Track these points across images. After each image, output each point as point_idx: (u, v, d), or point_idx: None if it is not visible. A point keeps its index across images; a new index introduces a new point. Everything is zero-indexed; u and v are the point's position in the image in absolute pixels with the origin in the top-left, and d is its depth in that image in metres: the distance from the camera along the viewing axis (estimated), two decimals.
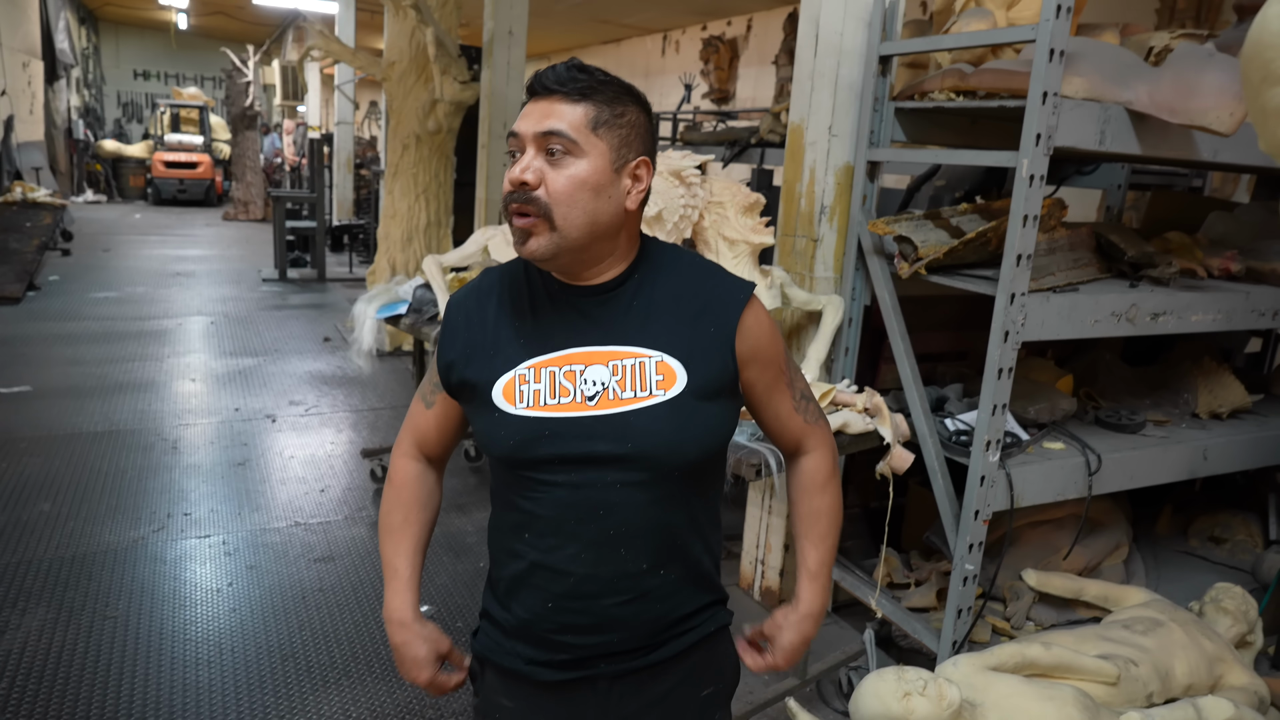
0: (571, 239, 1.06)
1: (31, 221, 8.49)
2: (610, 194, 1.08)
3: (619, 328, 1.11)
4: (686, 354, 1.11)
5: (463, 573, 3.22)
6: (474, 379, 1.14)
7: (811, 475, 1.27)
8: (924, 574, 2.78)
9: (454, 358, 1.17)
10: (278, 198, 9.06)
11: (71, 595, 2.88)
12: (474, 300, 1.19)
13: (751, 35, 10.48)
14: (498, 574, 1.21)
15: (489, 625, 1.23)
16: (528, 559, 1.14)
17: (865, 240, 2.62)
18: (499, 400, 1.11)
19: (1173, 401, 2.95)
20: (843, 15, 2.62)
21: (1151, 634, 2.19)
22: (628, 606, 1.13)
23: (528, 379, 1.10)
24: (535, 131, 1.05)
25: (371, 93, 17.92)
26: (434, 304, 3.29)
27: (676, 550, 1.14)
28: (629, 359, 1.10)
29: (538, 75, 1.08)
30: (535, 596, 1.14)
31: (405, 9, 5.74)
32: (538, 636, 1.15)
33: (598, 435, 1.08)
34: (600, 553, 1.10)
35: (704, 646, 1.22)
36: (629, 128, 1.09)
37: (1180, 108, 2.01)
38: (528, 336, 1.13)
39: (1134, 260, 2.53)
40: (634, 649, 1.16)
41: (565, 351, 1.11)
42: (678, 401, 1.09)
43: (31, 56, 12.39)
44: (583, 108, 1.06)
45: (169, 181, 15.61)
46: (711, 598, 1.23)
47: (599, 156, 1.06)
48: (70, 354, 5.69)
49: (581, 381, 1.09)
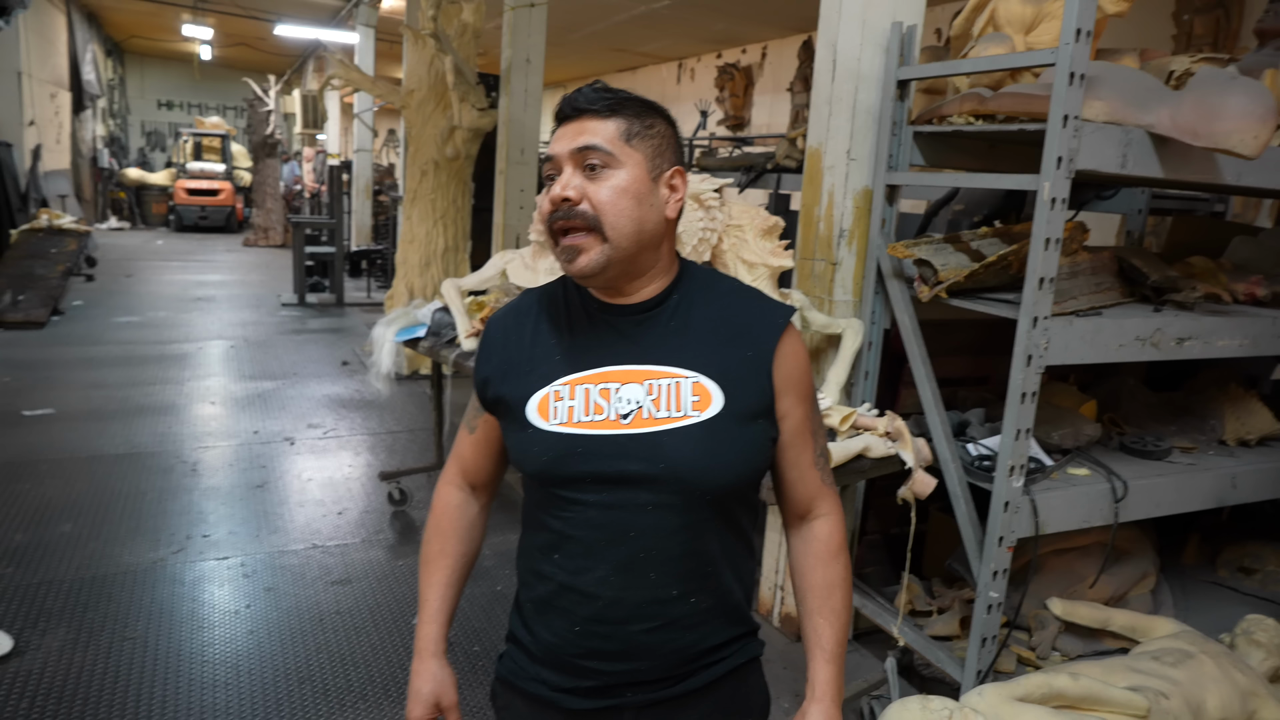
0: (621, 248, 1.07)
1: (57, 248, 8.62)
2: (651, 202, 1.09)
3: (656, 347, 1.11)
4: (723, 376, 1.10)
5: (479, 596, 3.20)
6: (509, 395, 1.14)
7: (825, 542, 1.21)
8: (946, 602, 2.74)
9: (490, 374, 1.18)
10: (297, 224, 9.16)
11: (91, 616, 2.89)
12: (512, 319, 1.20)
13: (766, 63, 10.57)
14: (525, 596, 1.19)
15: (515, 649, 1.22)
16: (556, 580, 1.12)
17: (884, 264, 2.62)
18: (532, 416, 1.11)
19: (1199, 428, 2.91)
20: (860, 41, 2.64)
21: (1182, 666, 2.14)
22: (655, 634, 1.11)
23: (562, 395, 1.10)
24: (571, 149, 1.07)
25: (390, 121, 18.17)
26: (452, 327, 3.31)
27: (706, 578, 1.12)
28: (665, 379, 1.09)
29: (565, 99, 1.10)
30: (562, 620, 1.13)
31: (424, 38, 5.82)
32: (564, 662, 1.14)
33: (630, 454, 1.07)
34: (629, 576, 1.09)
35: (734, 678, 1.19)
36: (660, 138, 1.11)
37: (1203, 130, 2.01)
38: (564, 353, 1.13)
39: (1157, 284, 2.51)
40: (661, 678, 1.13)
41: (601, 369, 1.11)
42: (712, 424, 1.08)
43: (59, 88, 12.65)
44: (614, 122, 1.07)
45: (191, 208, 15.85)
46: (742, 629, 1.20)
47: (636, 165, 1.08)
48: (93, 378, 5.75)
49: (616, 400, 1.09)
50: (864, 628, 2.97)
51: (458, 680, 1.27)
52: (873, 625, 2.87)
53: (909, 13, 2.66)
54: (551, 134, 1.13)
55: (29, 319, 7.14)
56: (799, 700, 1.20)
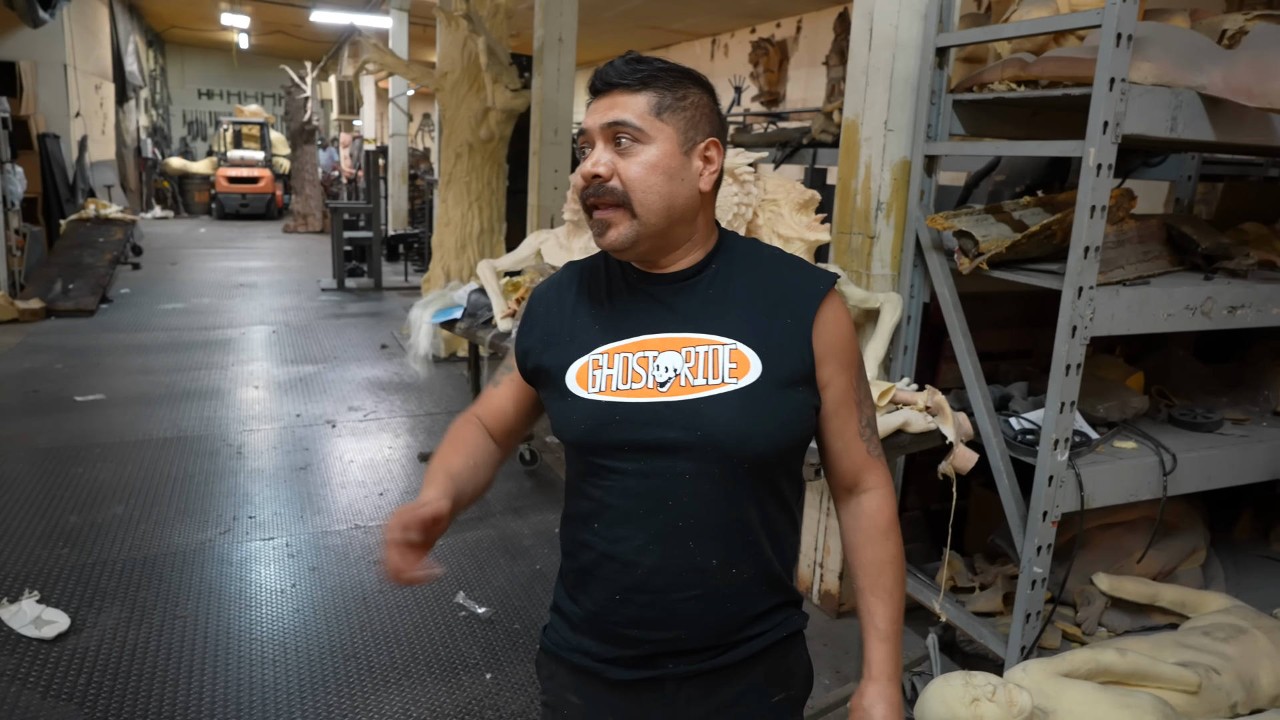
0: (650, 224, 1.07)
1: (104, 237, 8.81)
2: (683, 176, 1.08)
3: (695, 315, 1.11)
4: (762, 344, 1.09)
5: (519, 575, 3.23)
6: (549, 364, 1.15)
7: (874, 518, 1.19)
8: (989, 578, 2.70)
9: (530, 344, 1.18)
10: (335, 209, 9.27)
11: (143, 595, 2.97)
12: (554, 292, 1.21)
13: (801, 37, 10.40)
14: (568, 566, 1.20)
15: (558, 619, 1.22)
16: (597, 549, 1.13)
17: (923, 236, 2.57)
18: (572, 385, 1.11)
19: (1251, 399, 2.83)
20: (897, 8, 2.58)
21: (1234, 641, 2.09)
22: (696, 603, 1.11)
23: (601, 364, 1.10)
24: (601, 124, 1.07)
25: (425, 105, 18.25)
26: (488, 308, 3.32)
27: (747, 548, 1.12)
28: (703, 346, 1.09)
29: (598, 72, 1.09)
30: (603, 588, 1.13)
31: (457, 20, 5.82)
32: (605, 630, 1.14)
33: (667, 422, 1.06)
34: (668, 545, 1.09)
35: (776, 651, 1.18)
36: (694, 109, 1.09)
37: (1259, 90, 1.93)
38: (603, 323, 1.13)
39: (1208, 252, 2.44)
40: (702, 648, 1.13)
41: (640, 338, 1.11)
42: (750, 391, 1.07)
43: (103, 79, 12.90)
44: (644, 96, 1.07)
45: (232, 196, 16.11)
46: (783, 598, 1.19)
47: (666, 140, 1.07)
48: (141, 363, 5.89)
49: (654, 368, 1.08)
50: (906, 605, 2.95)
51: (446, 517, 1.09)
52: (914, 602, 2.84)
53: None
54: (587, 106, 1.12)
55: (79, 307, 7.33)
56: (839, 677, 1.20)
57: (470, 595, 3.05)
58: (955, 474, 2.29)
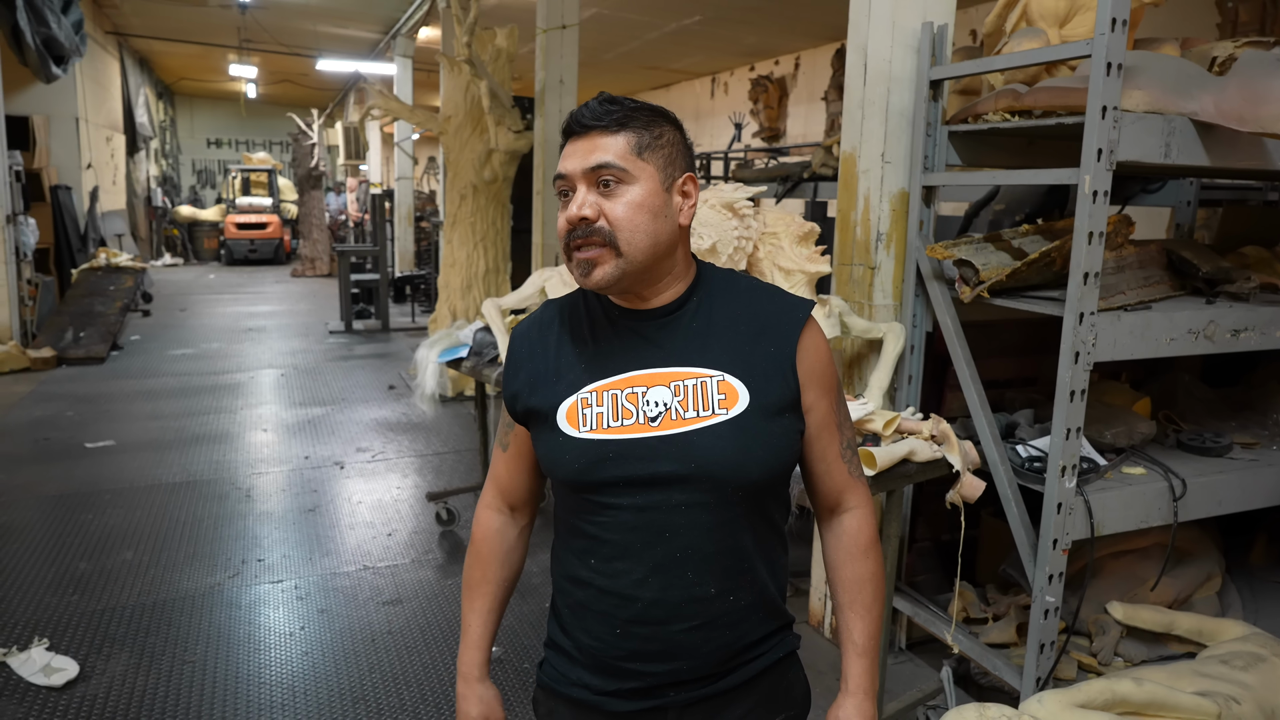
0: (636, 262, 1.08)
1: (114, 285, 8.91)
2: (666, 213, 1.10)
3: (679, 349, 1.12)
4: (747, 373, 1.10)
5: (529, 614, 3.21)
6: (538, 406, 1.15)
7: (854, 537, 1.21)
8: (1002, 608, 2.67)
9: (518, 388, 1.19)
10: (342, 253, 9.36)
11: (152, 641, 2.96)
12: (536, 331, 1.21)
13: (800, 73, 10.55)
14: (562, 602, 1.20)
15: (554, 655, 1.22)
16: (594, 585, 1.13)
17: (924, 266, 2.58)
18: (563, 424, 1.12)
19: (1260, 423, 2.81)
20: (890, 43, 2.62)
21: (1253, 670, 2.06)
22: (696, 633, 1.11)
23: (590, 402, 1.11)
24: (584, 168, 1.08)
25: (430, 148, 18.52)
26: (494, 346, 3.34)
27: (743, 574, 1.13)
28: (690, 379, 1.10)
29: (572, 115, 1.11)
30: (602, 624, 1.13)
31: (460, 65, 5.93)
32: (605, 665, 1.14)
33: (661, 456, 1.07)
34: (667, 577, 1.09)
35: (774, 672, 1.19)
36: (669, 146, 1.11)
37: (1250, 115, 1.95)
38: (589, 361, 1.14)
39: (1209, 276, 2.45)
40: (703, 677, 1.14)
41: (627, 374, 1.12)
42: (740, 421, 1.08)
43: (114, 131, 13.14)
44: (623, 136, 1.08)
45: (240, 242, 16.30)
46: (778, 623, 1.20)
47: (649, 179, 1.08)
48: (151, 409, 5.92)
49: (644, 403, 1.09)
50: (917, 636, 2.91)
51: (502, 699, 1.28)
52: (926, 634, 2.82)
53: (939, 12, 2.64)
54: (560, 149, 1.14)
55: (90, 354, 7.39)
56: None
57: None
58: (963, 503, 2.28)
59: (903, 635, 2.91)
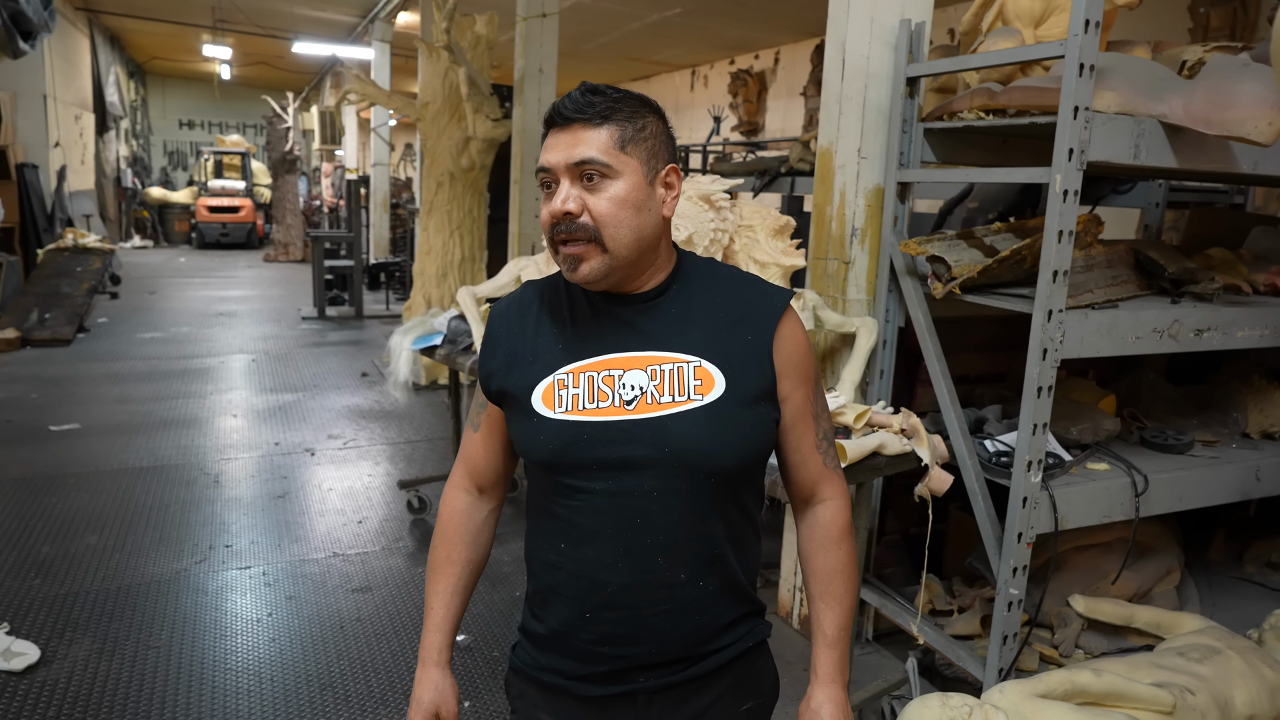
0: (622, 257, 1.08)
1: (82, 266, 8.75)
2: (649, 206, 1.10)
3: (658, 334, 1.12)
4: (725, 360, 1.11)
5: (499, 602, 3.21)
6: (513, 386, 1.15)
7: (827, 528, 1.21)
8: (967, 600, 2.71)
9: (494, 367, 1.18)
10: (316, 238, 9.26)
11: (116, 626, 2.92)
12: (515, 311, 1.21)
13: (779, 68, 10.57)
14: (534, 586, 1.20)
15: (527, 639, 1.23)
16: (565, 569, 1.13)
17: (898, 262, 2.61)
18: (538, 405, 1.11)
19: (1221, 421, 2.87)
20: (869, 39, 2.64)
21: (1208, 662, 2.11)
22: (666, 617, 1.12)
23: (566, 384, 1.11)
24: (567, 162, 1.07)
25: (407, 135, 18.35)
26: (468, 334, 3.33)
27: (714, 561, 1.13)
28: (667, 364, 1.10)
29: (555, 107, 1.10)
30: (572, 607, 1.13)
31: (438, 51, 5.88)
32: (575, 648, 1.15)
33: (635, 439, 1.07)
34: (638, 561, 1.10)
35: (743, 661, 1.20)
36: (653, 138, 1.11)
37: (1216, 119, 1.99)
38: (567, 343, 1.14)
39: (1175, 276, 2.49)
40: (672, 661, 1.14)
41: (604, 357, 1.12)
42: (715, 407, 1.09)
43: (83, 109, 12.88)
44: (607, 130, 1.07)
45: (212, 226, 16.06)
46: (748, 608, 1.21)
47: (633, 173, 1.08)
48: (117, 392, 5.83)
49: (620, 386, 1.09)
50: (884, 628, 2.95)
51: (458, 691, 1.27)
52: (893, 625, 2.85)
53: (917, 10, 2.66)
54: (542, 140, 1.13)
55: (55, 336, 7.26)
56: None
57: None
58: (931, 496, 2.31)
59: (870, 626, 2.94)
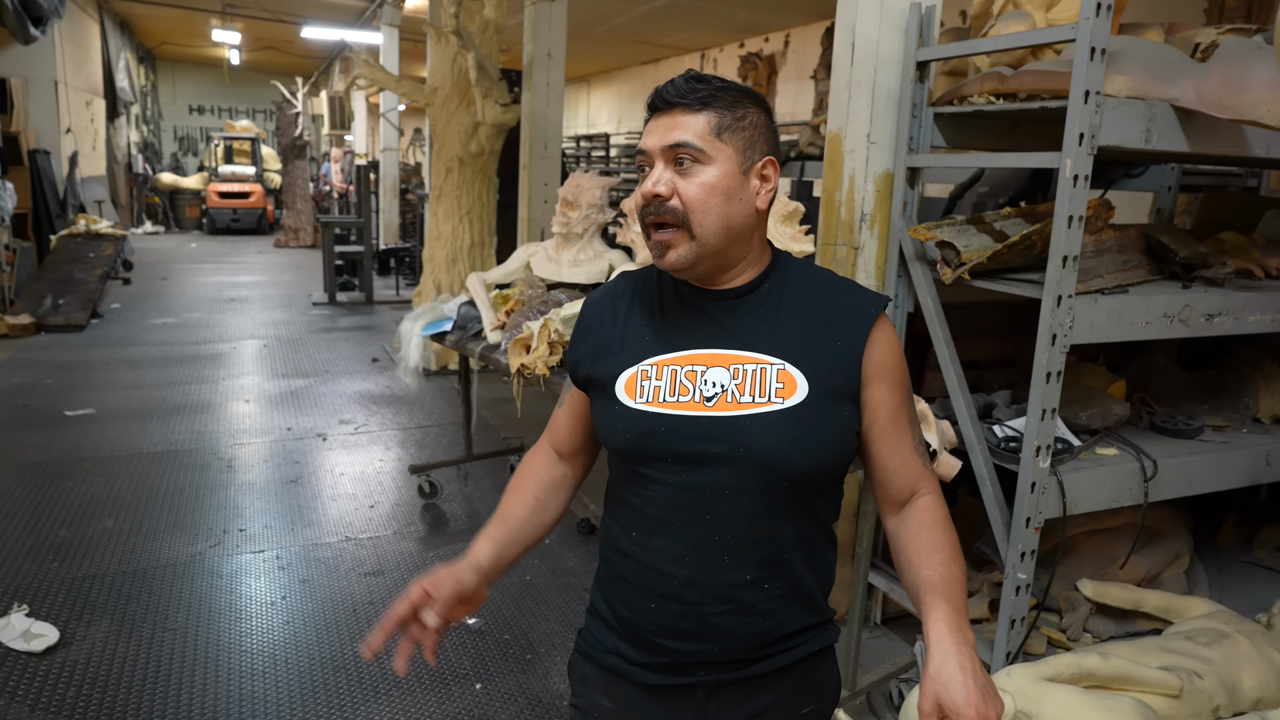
0: (709, 245, 1.08)
1: (94, 252, 8.81)
2: (741, 196, 1.09)
3: (745, 333, 1.12)
4: (810, 366, 1.10)
5: (510, 586, 3.24)
6: (599, 374, 1.17)
7: (933, 512, 1.14)
8: (975, 585, 2.72)
9: (582, 354, 1.21)
10: (326, 224, 9.28)
11: (133, 608, 2.97)
12: (607, 301, 1.23)
13: (789, 51, 10.50)
14: (605, 571, 1.22)
15: (593, 621, 1.24)
16: (634, 558, 1.15)
17: (907, 247, 2.60)
18: (620, 394, 1.13)
19: (1232, 406, 2.86)
20: (879, 23, 2.62)
21: (1216, 646, 2.11)
22: (729, 617, 1.12)
23: (650, 375, 1.12)
24: (662, 145, 1.08)
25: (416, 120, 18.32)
26: (478, 320, 3.34)
27: (780, 566, 1.12)
28: (751, 364, 1.10)
29: (658, 91, 1.10)
30: (639, 596, 1.14)
31: (447, 36, 5.87)
32: (639, 637, 1.16)
33: (711, 436, 1.08)
34: (704, 559, 1.10)
35: (808, 664, 1.19)
36: (752, 129, 1.10)
37: (1229, 103, 1.97)
38: (655, 335, 1.15)
39: (1186, 261, 2.48)
40: (734, 660, 1.14)
41: (689, 352, 1.12)
42: (795, 412, 1.08)
43: (94, 95, 12.91)
44: (705, 116, 1.07)
45: (223, 211, 16.12)
46: (817, 619, 1.19)
47: (726, 161, 1.08)
48: (131, 378, 5.88)
49: (702, 382, 1.10)
50: (893, 612, 2.97)
51: (473, 596, 1.16)
52: (901, 609, 2.87)
53: None
54: (644, 124, 1.13)
55: (69, 322, 7.32)
56: None
57: None
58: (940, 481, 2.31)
59: (878, 610, 2.96)
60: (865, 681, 2.58)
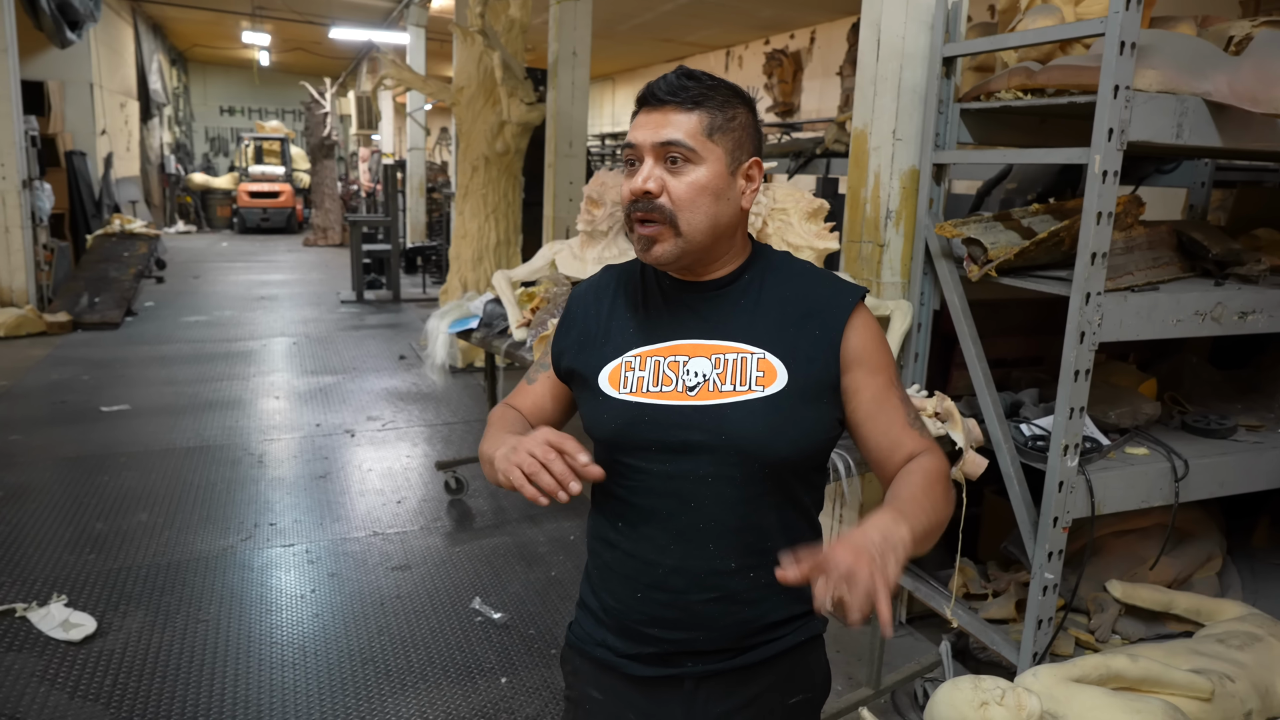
0: (695, 242, 1.10)
1: (129, 251, 8.97)
2: (728, 196, 1.11)
3: (726, 324, 1.14)
4: (789, 354, 1.11)
5: (535, 581, 3.26)
6: (582, 366, 1.19)
7: (922, 463, 1.10)
8: (1002, 585, 2.70)
9: (566, 345, 1.23)
10: (354, 223, 9.38)
11: (167, 600, 3.03)
12: (592, 294, 1.25)
13: (815, 47, 10.45)
14: (593, 564, 1.24)
15: (583, 614, 1.26)
16: (620, 548, 1.17)
17: (933, 244, 2.59)
18: (604, 385, 1.15)
19: (1266, 405, 2.82)
20: (904, 19, 2.61)
21: (1249, 649, 2.08)
22: (714, 605, 1.13)
23: (633, 366, 1.14)
24: (653, 142, 1.09)
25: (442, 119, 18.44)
26: (504, 318, 3.36)
27: (764, 553, 1.13)
28: (732, 354, 1.12)
29: (649, 87, 1.11)
30: (625, 586, 1.16)
31: (473, 35, 5.91)
32: (626, 627, 1.17)
33: (693, 425, 1.10)
34: (688, 547, 1.12)
35: (795, 654, 1.20)
36: (741, 130, 1.12)
37: (1263, 96, 1.94)
38: (638, 327, 1.17)
39: (1219, 258, 2.44)
40: (720, 650, 1.16)
41: (671, 343, 1.14)
42: (775, 399, 1.09)
43: (128, 98, 13.14)
44: (697, 115, 1.08)
45: (253, 211, 16.34)
46: (803, 608, 1.18)
47: (716, 161, 1.09)
48: (165, 374, 5.99)
49: (684, 372, 1.12)
50: (918, 611, 2.95)
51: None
52: (927, 609, 2.85)
53: None
54: (632, 117, 1.14)
55: (105, 320, 7.46)
56: (852, 683, 1.20)
57: (486, 601, 3.09)
58: (966, 480, 2.30)
59: (903, 610, 2.95)
60: (890, 680, 2.57)
